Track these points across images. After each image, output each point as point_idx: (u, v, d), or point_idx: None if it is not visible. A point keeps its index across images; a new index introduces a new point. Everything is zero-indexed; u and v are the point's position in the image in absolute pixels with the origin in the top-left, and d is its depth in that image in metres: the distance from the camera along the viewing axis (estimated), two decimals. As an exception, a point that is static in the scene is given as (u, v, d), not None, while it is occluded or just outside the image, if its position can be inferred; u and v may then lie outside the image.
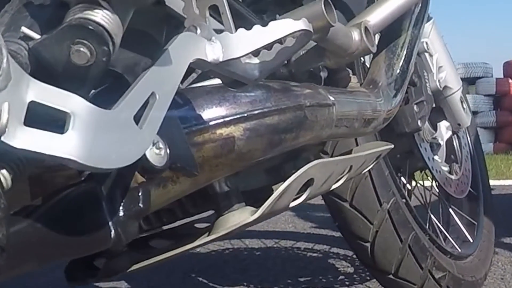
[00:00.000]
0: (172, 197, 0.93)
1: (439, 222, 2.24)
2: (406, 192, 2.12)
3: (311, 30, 0.74)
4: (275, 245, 3.08)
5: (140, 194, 0.75)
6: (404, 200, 1.88)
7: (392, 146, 1.42)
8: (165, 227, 1.20)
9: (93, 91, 0.68)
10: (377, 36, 1.63)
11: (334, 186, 1.25)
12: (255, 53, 0.79)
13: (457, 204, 2.38)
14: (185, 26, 0.78)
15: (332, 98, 1.09)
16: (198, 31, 0.75)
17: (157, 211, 1.04)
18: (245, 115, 0.92)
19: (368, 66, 1.55)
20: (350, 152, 1.46)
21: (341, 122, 1.12)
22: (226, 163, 0.93)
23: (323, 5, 1.03)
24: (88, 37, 0.57)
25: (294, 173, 1.05)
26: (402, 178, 2.16)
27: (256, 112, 0.93)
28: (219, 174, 0.95)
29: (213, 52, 0.73)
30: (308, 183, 1.10)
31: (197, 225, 1.24)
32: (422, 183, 2.27)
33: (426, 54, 2.09)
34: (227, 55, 0.73)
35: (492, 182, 5.08)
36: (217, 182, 1.06)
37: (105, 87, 0.71)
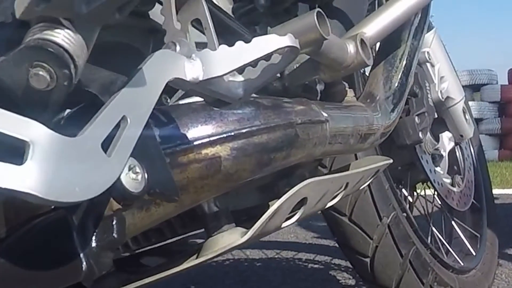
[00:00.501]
0: (156, 219, 0.88)
1: (441, 235, 2.20)
2: (408, 204, 2.08)
3: (298, 46, 0.69)
4: (276, 256, 3.04)
5: (114, 223, 0.70)
6: (405, 214, 1.84)
7: (391, 161, 1.38)
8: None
9: (59, 116, 0.63)
10: (376, 47, 1.59)
11: (329, 204, 1.21)
12: (240, 70, 0.74)
13: (460, 216, 2.34)
14: (165, 42, 0.73)
15: (325, 114, 1.04)
16: (178, 47, 0.71)
17: (145, 231, 1.00)
18: (232, 133, 0.88)
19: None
20: (348, 167, 1.41)
21: (335, 139, 1.07)
22: (212, 185, 0.88)
23: (315, 17, 0.99)
24: (47, 59, 0.52)
25: (288, 190, 1.01)
26: (404, 190, 2.12)
27: (243, 130, 0.89)
28: (205, 196, 0.90)
29: (192, 70, 0.69)
30: (302, 202, 1.05)
31: (191, 241, 1.20)
32: (424, 195, 2.22)
33: (428, 64, 2.05)
34: (208, 73, 0.69)
35: (496, 191, 5.05)
36: (205, 202, 1.01)
37: (74, 111, 0.66)
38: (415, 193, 2.22)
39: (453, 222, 2.30)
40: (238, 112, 0.90)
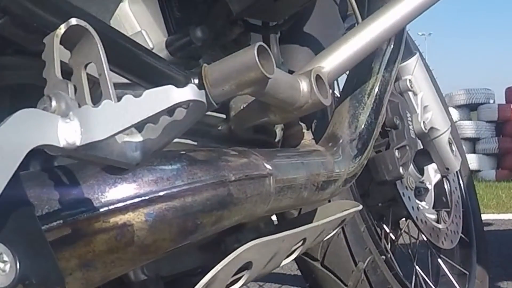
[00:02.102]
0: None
1: (427, 274, 2.05)
2: (389, 243, 1.94)
3: (202, 100, 0.55)
4: (259, 290, 2.90)
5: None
6: (383, 257, 1.68)
7: (360, 207, 1.23)
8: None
9: None
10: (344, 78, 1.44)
11: (285, 262, 1.06)
12: (140, 127, 0.60)
13: (448, 252, 2.19)
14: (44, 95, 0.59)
15: (268, 167, 0.88)
16: (53, 103, 0.56)
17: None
18: (147, 197, 0.73)
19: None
20: (314, 212, 1.26)
21: (283, 194, 0.91)
22: (125, 258, 0.73)
23: (255, 54, 0.84)
24: None
25: (237, 247, 0.87)
26: (385, 227, 1.97)
27: (161, 193, 0.74)
28: (118, 271, 0.75)
29: (67, 134, 0.54)
30: (246, 266, 0.91)
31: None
32: (408, 231, 2.07)
33: (410, 93, 1.90)
34: (87, 137, 0.54)
35: (491, 216, 4.92)
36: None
37: None
38: (399, 230, 2.07)
39: (439, 260, 2.14)
40: (154, 170, 0.75)
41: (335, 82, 1.66)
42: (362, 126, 1.19)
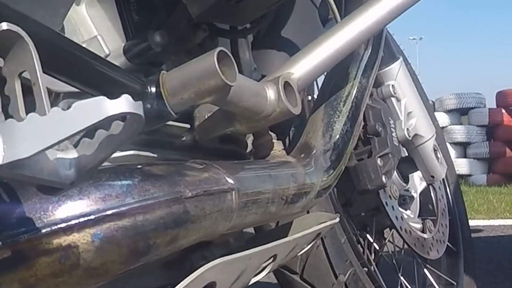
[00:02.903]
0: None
1: (413, 285, 2.00)
2: (373, 253, 1.88)
3: (139, 112, 0.49)
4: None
5: None
6: (365, 269, 1.63)
7: (337, 220, 1.17)
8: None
9: None
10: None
11: (254, 280, 1.00)
12: (77, 142, 0.55)
13: (434, 262, 2.13)
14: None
15: (230, 181, 0.82)
16: (-27, 116, 0.51)
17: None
18: (94, 216, 0.67)
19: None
20: (290, 225, 1.21)
21: (247, 210, 0.85)
22: (70, 283, 0.67)
23: (215, 59, 0.78)
24: None
25: (204, 264, 0.81)
26: (369, 237, 1.91)
27: (110, 211, 0.68)
28: (63, 296, 0.69)
29: (-13, 150, 0.48)
30: (210, 286, 0.85)
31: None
32: (392, 240, 2.01)
33: (393, 99, 1.84)
34: (11, 155, 0.48)
35: (481, 222, 4.87)
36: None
37: None
38: (383, 239, 2.01)
39: (425, 270, 2.09)
40: (103, 186, 0.69)
41: (315, 86, 1.60)
42: (337, 135, 1.13)
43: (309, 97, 1.47)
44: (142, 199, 0.71)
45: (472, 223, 4.75)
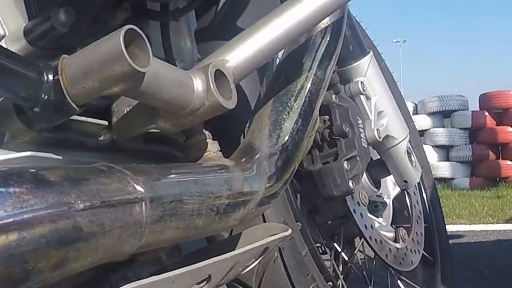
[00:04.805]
0: None
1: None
2: (341, 265, 1.74)
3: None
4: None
5: None
6: (330, 284, 1.48)
7: (288, 233, 1.02)
8: None
9: None
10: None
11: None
12: None
13: (409, 273, 1.98)
14: None
15: (140, 189, 0.66)
16: None
17: None
18: None
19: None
20: (239, 237, 1.06)
21: (164, 224, 0.69)
22: None
23: (121, 40, 0.63)
24: None
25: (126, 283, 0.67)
26: (337, 246, 1.76)
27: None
28: None
29: None
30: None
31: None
32: (363, 249, 1.86)
33: (362, 97, 1.69)
34: None
35: (463, 228, 4.75)
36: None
37: None
38: (353, 249, 1.86)
39: (399, 282, 1.94)
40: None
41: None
42: (287, 135, 0.97)
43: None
44: (18, 212, 0.55)
45: (453, 228, 4.65)
